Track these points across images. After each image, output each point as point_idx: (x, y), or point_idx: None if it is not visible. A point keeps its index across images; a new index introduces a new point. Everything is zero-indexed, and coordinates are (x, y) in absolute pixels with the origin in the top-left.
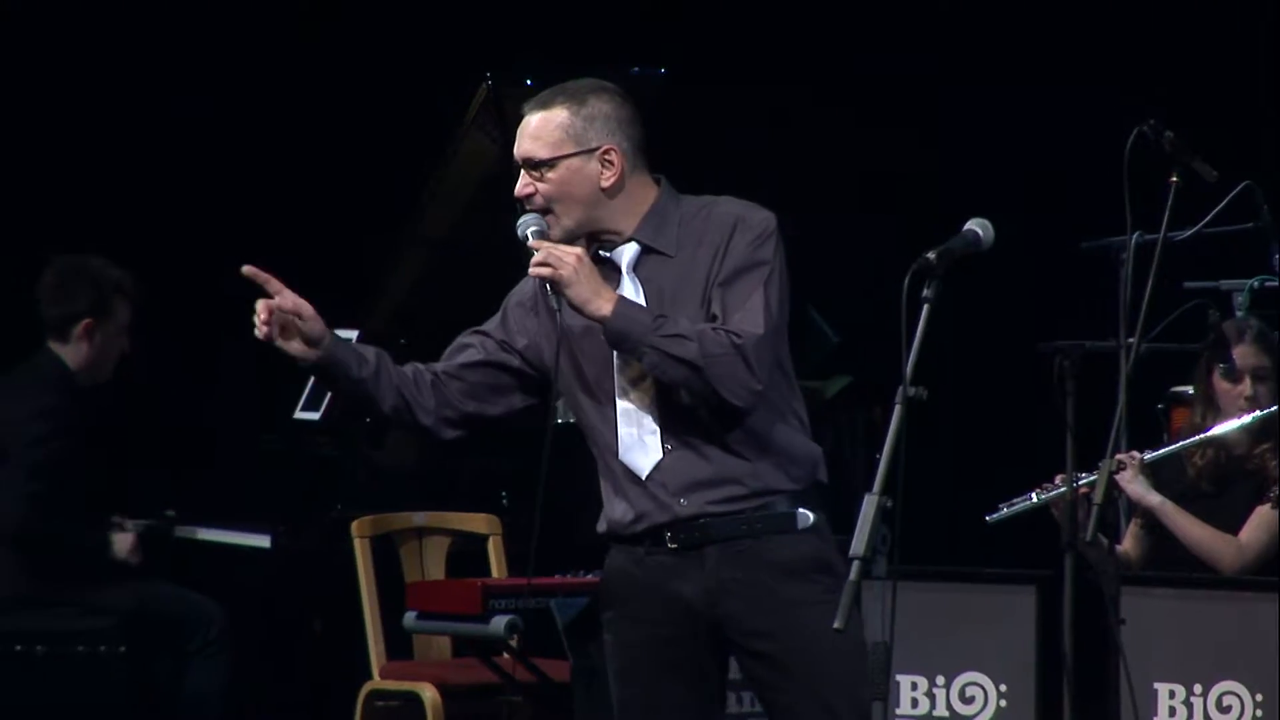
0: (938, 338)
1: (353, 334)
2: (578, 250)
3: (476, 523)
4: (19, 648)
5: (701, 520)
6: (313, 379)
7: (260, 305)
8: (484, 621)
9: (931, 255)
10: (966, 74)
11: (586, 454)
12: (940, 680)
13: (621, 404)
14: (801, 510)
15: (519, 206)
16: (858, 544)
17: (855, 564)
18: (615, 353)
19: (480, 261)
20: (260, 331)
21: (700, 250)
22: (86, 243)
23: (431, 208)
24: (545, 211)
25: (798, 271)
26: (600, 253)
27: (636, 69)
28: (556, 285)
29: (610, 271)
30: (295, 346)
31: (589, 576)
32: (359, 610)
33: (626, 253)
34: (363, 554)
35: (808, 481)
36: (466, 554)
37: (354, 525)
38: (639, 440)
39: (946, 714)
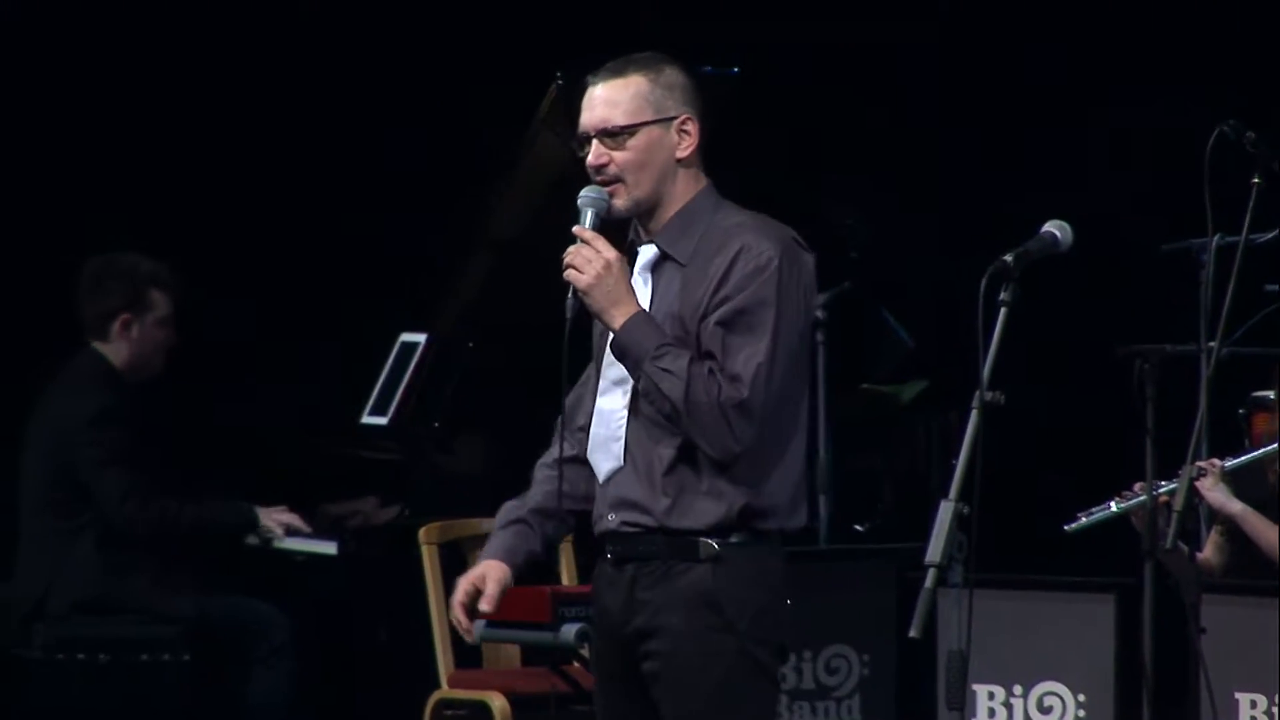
0: (1015, 341)
1: (421, 337)
2: (610, 256)
3: None
4: (82, 656)
5: (622, 536)
6: (380, 383)
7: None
8: (554, 630)
9: (1009, 258)
10: (1045, 74)
11: None
12: (1018, 690)
13: (599, 401)
14: (705, 540)
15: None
16: (933, 551)
17: (931, 571)
18: (607, 352)
19: (550, 263)
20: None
21: (706, 269)
22: (172, 244)
23: (501, 209)
24: (615, 181)
25: (874, 275)
26: (635, 247)
27: (709, 68)
28: (576, 288)
29: (639, 268)
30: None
31: None
32: (427, 618)
33: (646, 253)
34: (430, 561)
35: (727, 523)
36: (536, 561)
37: (421, 532)
38: (604, 444)
39: None
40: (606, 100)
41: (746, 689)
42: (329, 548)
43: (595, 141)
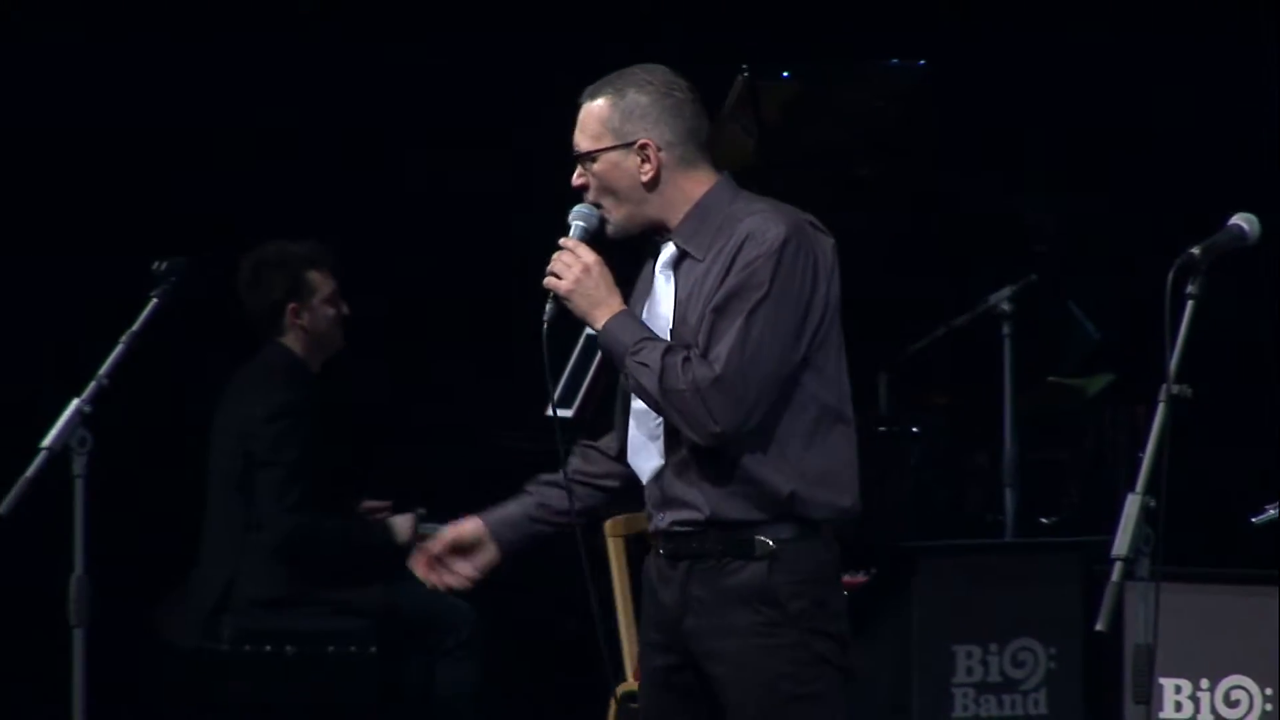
0: (1202, 334)
1: None
2: (589, 260)
3: None
4: (269, 648)
5: (673, 535)
6: (565, 375)
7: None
8: None
9: (1196, 250)
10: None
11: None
12: (1204, 684)
13: (635, 405)
14: (760, 538)
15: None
16: (1120, 544)
17: (1118, 565)
18: None
19: None
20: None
21: (718, 259)
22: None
23: None
24: (599, 204)
25: (1061, 267)
26: (659, 245)
27: (895, 60)
28: (557, 295)
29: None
30: (483, 561)
31: (848, 577)
32: (612, 610)
33: (666, 251)
34: (616, 553)
35: (776, 513)
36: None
37: (607, 524)
38: (644, 445)
39: (1211, 718)
40: (580, 127)
41: (810, 683)
42: None
43: (579, 165)
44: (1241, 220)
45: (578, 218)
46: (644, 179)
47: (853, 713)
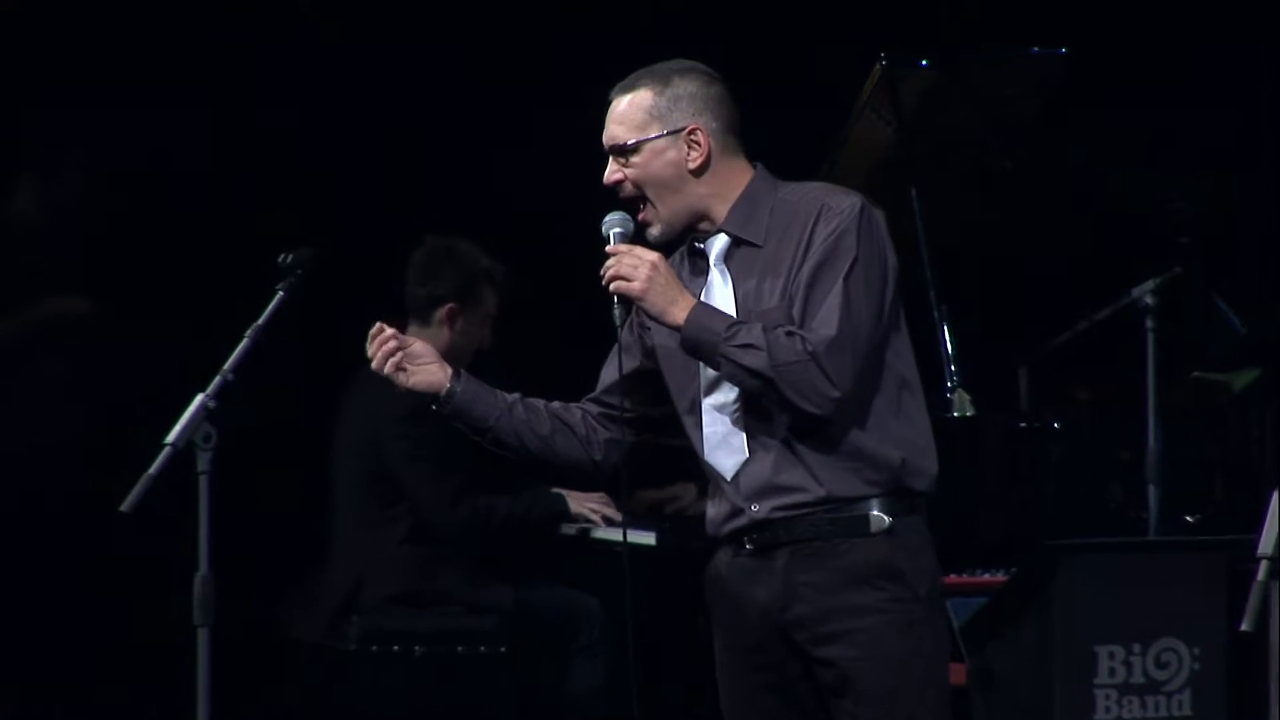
0: None
1: None
2: (653, 257)
3: None
4: (396, 648)
5: (772, 523)
6: None
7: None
8: None
9: None
10: None
11: (983, 451)
12: None
13: (707, 401)
14: (875, 513)
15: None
16: (1266, 543)
17: (1263, 564)
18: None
19: None
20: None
21: (785, 240)
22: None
23: None
24: (639, 199)
25: (1206, 259)
26: (695, 244)
27: (1036, 49)
28: (628, 297)
29: (704, 263)
30: (422, 378)
31: (989, 575)
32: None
33: (716, 244)
34: None
35: (888, 486)
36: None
37: None
38: (724, 440)
39: None
40: (617, 118)
41: (940, 659)
42: (648, 538)
43: (611, 159)
44: None
45: (615, 225)
46: (691, 166)
47: (993, 713)
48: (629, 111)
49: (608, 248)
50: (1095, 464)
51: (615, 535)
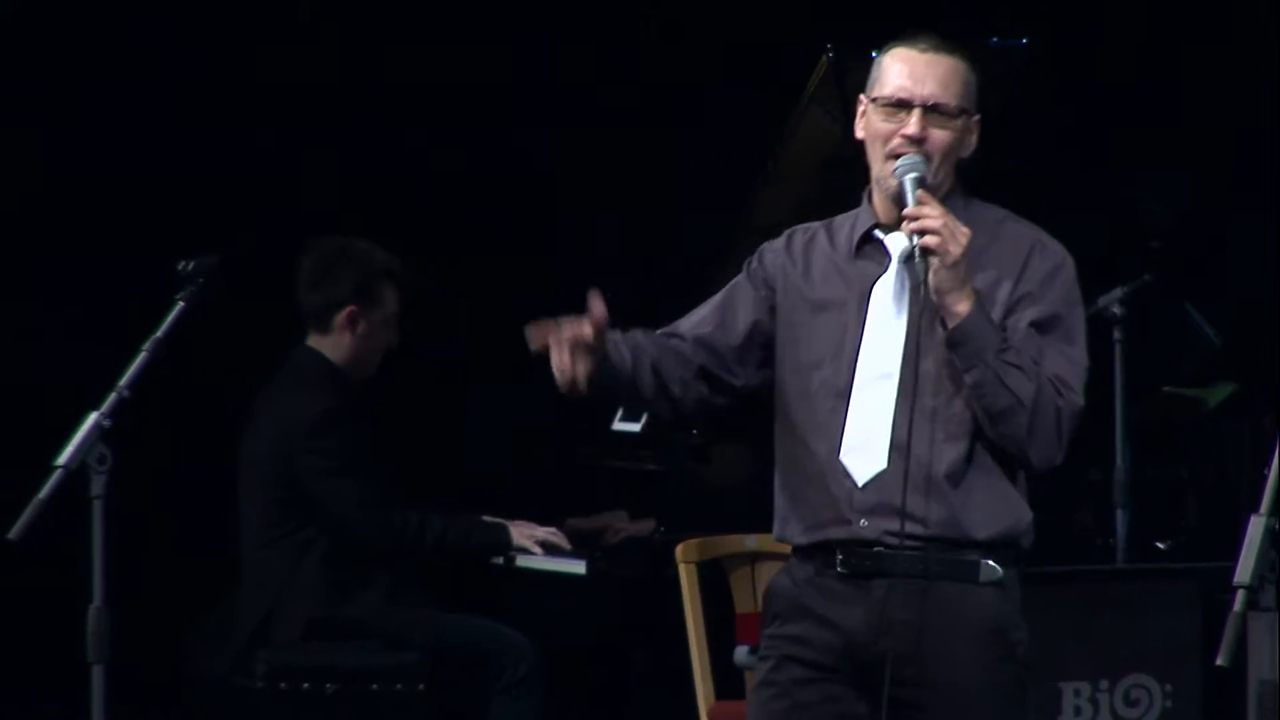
0: None
1: None
2: (968, 230)
3: None
4: (307, 685)
5: (876, 549)
6: None
7: (568, 338)
8: None
9: None
10: None
11: None
12: None
13: (861, 397)
14: (987, 561)
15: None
16: (1243, 571)
17: (1240, 593)
18: (861, 342)
19: None
20: (568, 369)
21: (983, 261)
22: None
23: (765, 194)
24: (925, 159)
25: (1178, 266)
26: (876, 234)
27: (995, 40)
28: (932, 255)
29: (880, 256)
30: (582, 369)
31: None
32: (684, 644)
33: (903, 241)
34: (688, 581)
35: (1005, 541)
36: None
37: (678, 549)
38: (867, 442)
39: None
40: (940, 78)
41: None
42: (577, 567)
43: (918, 113)
44: None
45: (913, 170)
46: (963, 155)
47: None
48: (953, 76)
49: (919, 194)
50: (1059, 485)
51: (542, 564)
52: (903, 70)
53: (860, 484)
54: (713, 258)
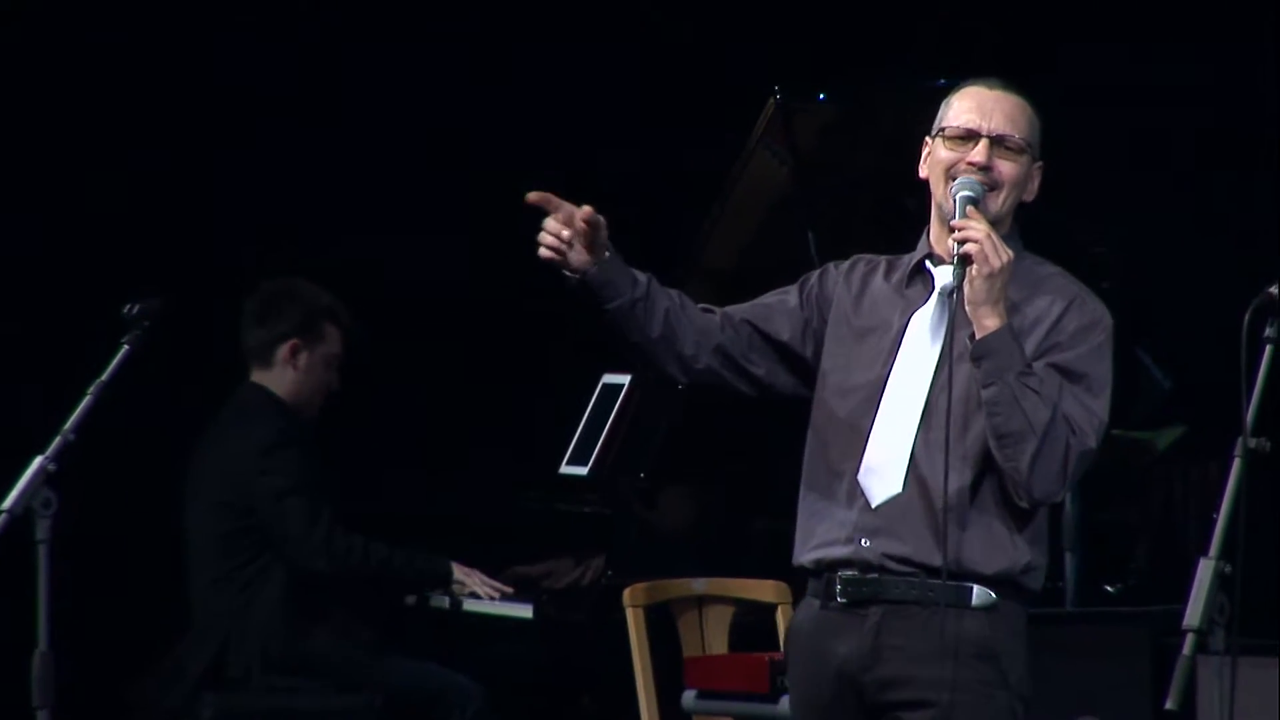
0: None
1: (625, 379)
2: (1011, 253)
3: (764, 590)
4: None
5: (872, 574)
6: (580, 429)
7: (563, 216)
8: (773, 701)
9: (1275, 289)
10: None
11: None
12: None
13: (886, 421)
14: (979, 587)
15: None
16: (1192, 615)
17: (1190, 637)
18: (893, 369)
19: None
20: (556, 240)
21: (1022, 309)
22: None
23: (714, 237)
24: (993, 188)
25: (1128, 308)
26: (926, 265)
27: (942, 80)
28: (971, 265)
29: (926, 287)
30: (578, 256)
31: None
32: (632, 688)
33: (947, 275)
34: (636, 625)
35: (1002, 578)
36: (752, 625)
37: (626, 593)
38: (888, 466)
39: None
40: (1007, 113)
41: None
42: (524, 611)
43: (985, 143)
44: None
45: (969, 190)
46: (1027, 198)
47: None
48: (1020, 113)
49: (969, 211)
50: None
51: (489, 608)
52: (971, 105)
53: (874, 505)
54: None
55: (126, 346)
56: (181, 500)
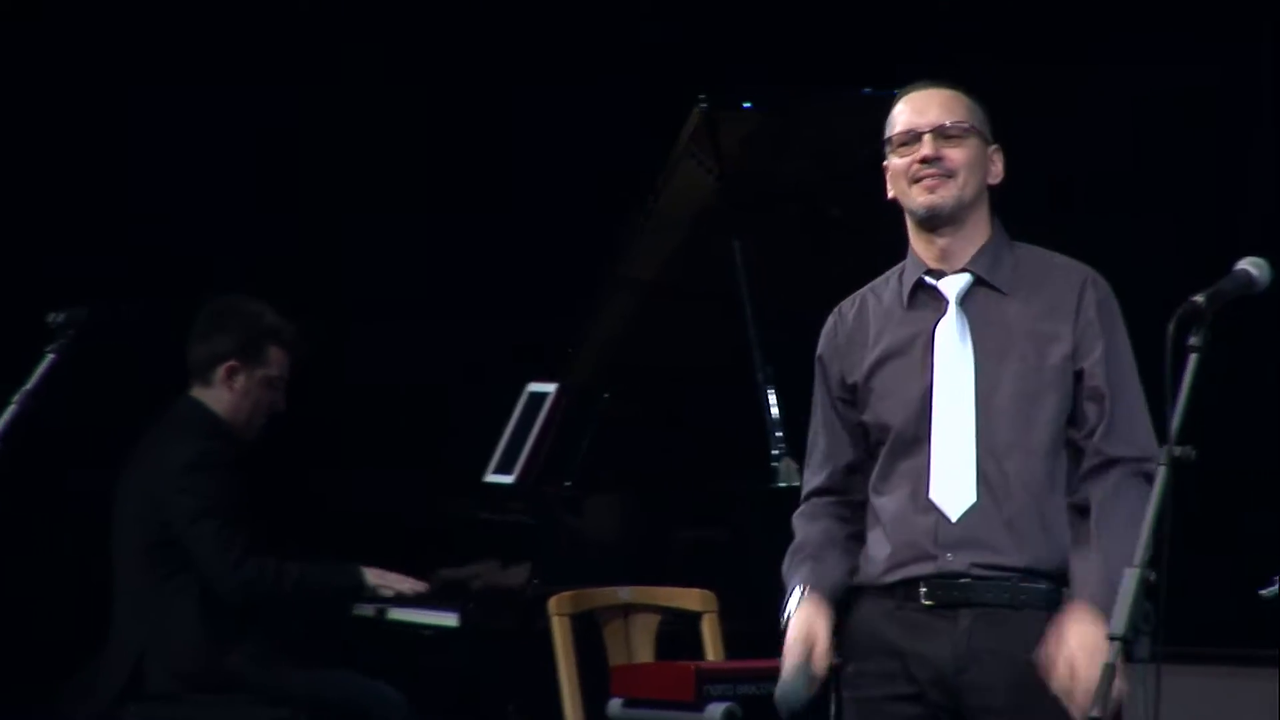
0: (1207, 390)
1: (551, 388)
2: (1089, 658)
3: (689, 599)
4: None
5: (963, 580)
6: (506, 438)
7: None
8: (698, 709)
9: (1200, 298)
10: None
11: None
12: None
13: (941, 437)
14: (1065, 588)
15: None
16: (1117, 623)
17: (1114, 645)
18: (933, 384)
19: (692, 305)
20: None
21: (1038, 298)
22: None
23: (638, 246)
24: (945, 177)
25: None
26: (927, 279)
27: (868, 90)
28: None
29: (936, 301)
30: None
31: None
32: (557, 697)
33: (957, 283)
34: (561, 633)
35: (1063, 570)
36: (678, 633)
37: (551, 602)
38: (955, 479)
39: None
40: (941, 104)
41: None
42: (449, 619)
43: (928, 137)
44: (1249, 265)
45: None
46: (992, 181)
47: None
48: (955, 101)
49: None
50: None
51: (414, 616)
52: (906, 108)
53: (954, 519)
54: (584, 305)
55: (52, 355)
56: (110, 510)
